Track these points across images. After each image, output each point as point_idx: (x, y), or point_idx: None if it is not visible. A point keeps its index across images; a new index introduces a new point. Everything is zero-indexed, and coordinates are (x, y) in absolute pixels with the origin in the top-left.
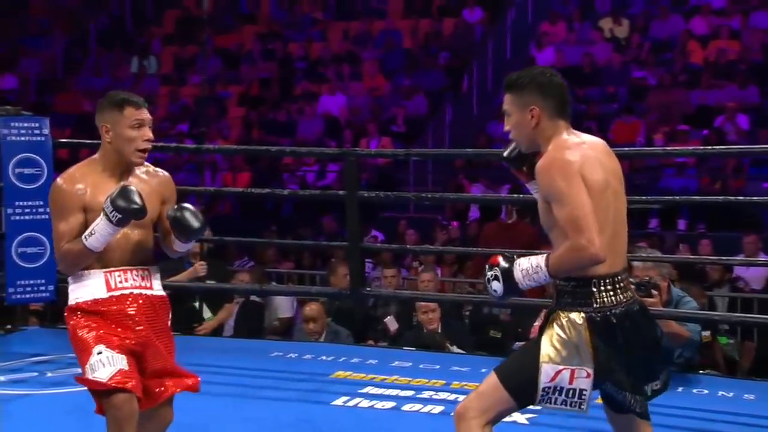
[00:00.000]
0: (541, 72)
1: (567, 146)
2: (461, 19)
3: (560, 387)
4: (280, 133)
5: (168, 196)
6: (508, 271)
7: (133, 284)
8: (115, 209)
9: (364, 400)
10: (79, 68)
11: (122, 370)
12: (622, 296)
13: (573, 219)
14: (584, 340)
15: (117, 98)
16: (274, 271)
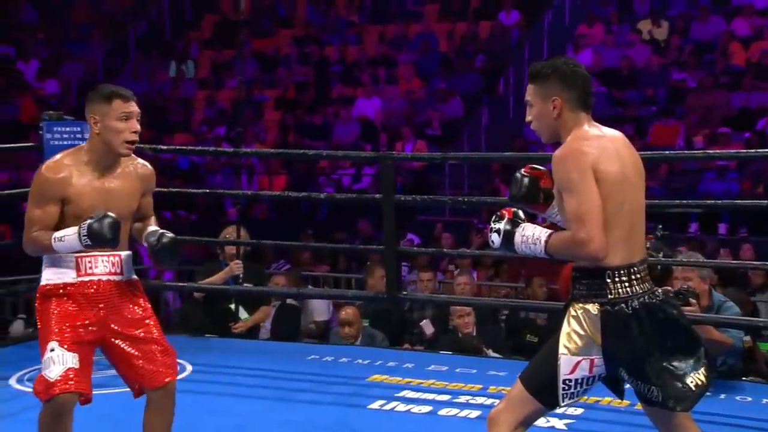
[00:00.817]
0: (564, 62)
1: (585, 138)
2: (497, 22)
3: (581, 378)
4: (316, 137)
5: (148, 189)
6: (510, 233)
7: (102, 270)
8: (88, 235)
9: (400, 404)
10: (119, 73)
11: (71, 369)
12: (638, 287)
13: (579, 212)
14: (598, 331)
15: (106, 91)
16: (310, 275)
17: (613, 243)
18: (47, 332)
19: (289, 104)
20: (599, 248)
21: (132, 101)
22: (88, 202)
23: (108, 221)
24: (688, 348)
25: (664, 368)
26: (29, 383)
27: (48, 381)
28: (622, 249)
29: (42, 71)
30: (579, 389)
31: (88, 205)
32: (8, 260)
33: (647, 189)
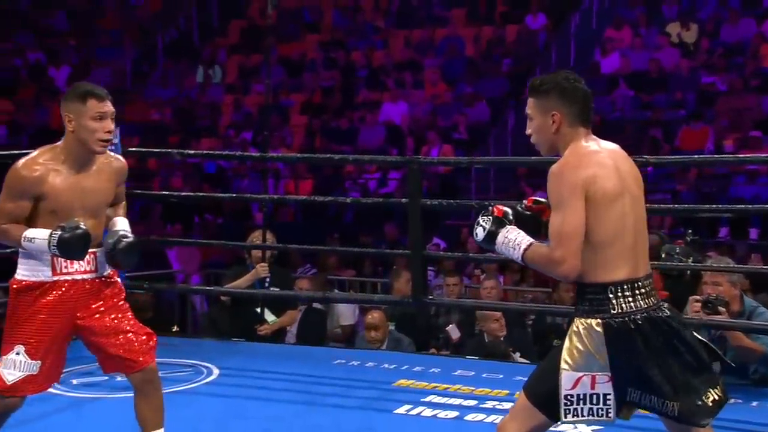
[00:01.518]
0: (565, 78)
1: (582, 154)
2: (524, 25)
3: (583, 394)
4: (342, 141)
5: (121, 180)
6: (494, 234)
7: (78, 269)
8: (57, 245)
9: (426, 409)
10: (147, 79)
11: (30, 376)
12: (642, 302)
13: (559, 231)
14: (602, 347)
15: (81, 90)
16: (336, 279)
17: (615, 258)
18: (16, 333)
19: (316, 109)
20: (570, 271)
21: (106, 100)
22: (64, 198)
23: (78, 234)
24: (700, 363)
25: (679, 383)
26: (60, 385)
27: (2, 381)
28: (626, 264)
29: (72, 77)
30: (583, 406)
31: (64, 201)
32: None
33: (677, 193)
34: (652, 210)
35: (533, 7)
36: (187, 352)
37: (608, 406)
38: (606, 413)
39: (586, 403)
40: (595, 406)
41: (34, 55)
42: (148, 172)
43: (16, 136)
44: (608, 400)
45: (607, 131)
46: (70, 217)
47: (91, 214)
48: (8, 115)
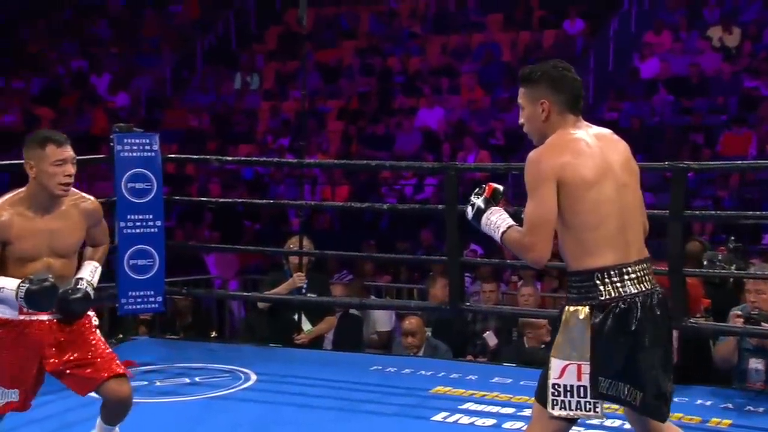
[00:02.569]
0: (553, 66)
1: (559, 143)
2: (562, 30)
3: (570, 385)
4: (378, 147)
5: (93, 222)
6: (480, 212)
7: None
8: (24, 298)
9: (464, 416)
10: (186, 86)
11: (10, 403)
12: (633, 287)
13: (530, 218)
14: (587, 334)
15: (39, 137)
16: (373, 285)
17: (600, 243)
18: None
19: (352, 115)
20: (539, 257)
21: (65, 146)
22: (31, 243)
23: (45, 288)
24: (669, 352)
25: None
26: None
27: None
28: (612, 249)
29: (113, 84)
30: (570, 398)
31: (30, 245)
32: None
33: (718, 199)
34: (693, 216)
35: (571, 11)
36: (225, 357)
37: (596, 401)
38: (593, 407)
39: (574, 395)
40: (582, 399)
41: (76, 63)
42: (186, 178)
43: None
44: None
45: (646, 136)
46: (35, 259)
47: (60, 255)
48: (51, 123)
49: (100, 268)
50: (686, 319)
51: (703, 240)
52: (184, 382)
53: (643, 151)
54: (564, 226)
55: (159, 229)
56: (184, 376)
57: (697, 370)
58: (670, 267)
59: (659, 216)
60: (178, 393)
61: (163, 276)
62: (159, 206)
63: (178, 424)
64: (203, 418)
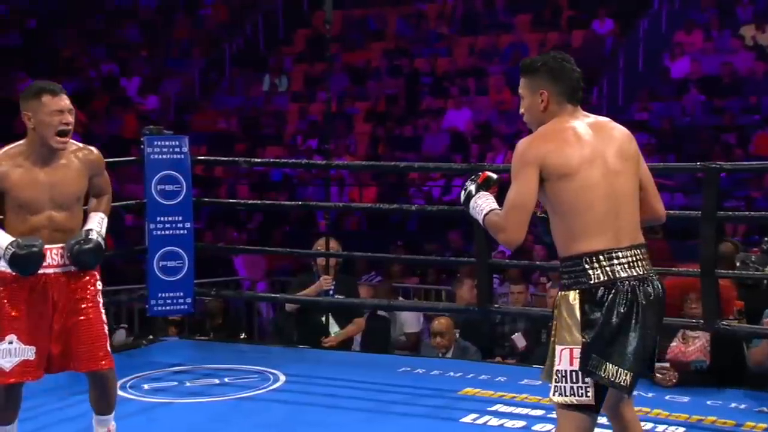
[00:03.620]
0: (553, 57)
1: (549, 130)
2: (590, 30)
3: (565, 371)
4: (406, 149)
5: (95, 172)
6: (469, 196)
7: (51, 263)
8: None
9: (493, 418)
10: (215, 88)
11: (25, 362)
12: (623, 271)
13: (509, 201)
14: (577, 318)
15: (35, 88)
16: (401, 286)
17: (587, 228)
18: (5, 322)
19: (380, 116)
20: (510, 239)
21: (61, 95)
22: (29, 194)
23: (32, 254)
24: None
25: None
26: (132, 390)
27: (2, 369)
28: (601, 234)
29: (143, 87)
30: (565, 384)
31: (29, 196)
32: (111, 270)
33: (751, 200)
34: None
35: (601, 12)
36: (254, 358)
37: (587, 385)
38: (585, 392)
39: (568, 381)
40: (575, 384)
41: (107, 67)
42: (214, 181)
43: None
44: (586, 380)
45: (677, 137)
46: (37, 212)
47: (61, 207)
48: (82, 126)
49: (106, 218)
50: (719, 321)
51: (736, 241)
52: (214, 383)
53: (673, 152)
54: (553, 213)
55: (188, 231)
56: (214, 376)
57: (731, 373)
58: (703, 269)
59: (691, 217)
60: (208, 393)
61: (193, 277)
62: (188, 208)
63: (207, 425)
64: (232, 419)
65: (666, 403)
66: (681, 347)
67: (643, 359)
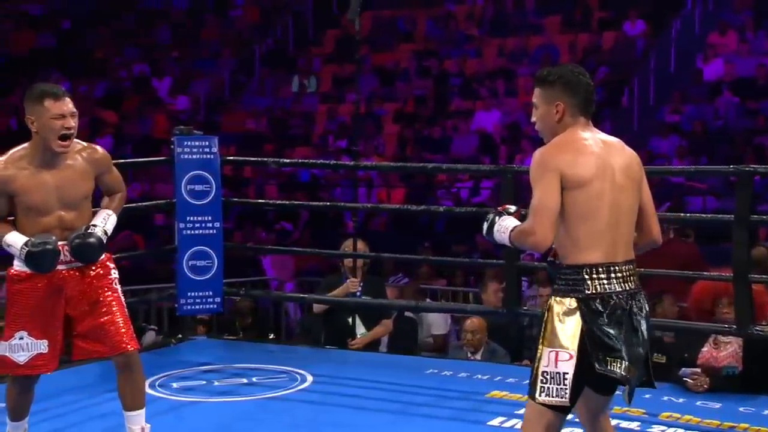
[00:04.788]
0: (570, 70)
1: (564, 142)
2: (622, 32)
3: (550, 372)
4: (435, 150)
5: (102, 170)
6: (493, 222)
7: (63, 259)
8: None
9: (520, 421)
10: (245, 89)
11: (38, 355)
12: (618, 286)
13: (534, 207)
14: (573, 324)
15: (37, 91)
16: (428, 288)
17: (588, 239)
18: (16, 318)
19: (408, 117)
20: (540, 240)
21: (63, 99)
22: (36, 196)
23: (46, 251)
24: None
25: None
26: (161, 388)
27: (14, 363)
28: (600, 247)
29: (174, 88)
30: (551, 385)
31: (36, 199)
32: (141, 269)
33: None
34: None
35: (632, 13)
36: (282, 358)
37: (566, 386)
38: (563, 394)
39: (552, 382)
40: (557, 386)
41: (138, 68)
42: (243, 181)
43: (121, 146)
44: (566, 380)
45: (710, 140)
46: (47, 213)
47: (70, 207)
48: (114, 126)
49: (114, 216)
50: (752, 326)
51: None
52: (242, 382)
53: (706, 155)
54: (560, 221)
55: (217, 231)
56: (242, 376)
57: (764, 379)
58: (736, 273)
59: (723, 221)
60: (236, 393)
61: (222, 277)
62: (218, 208)
63: (236, 424)
64: (260, 418)
65: (697, 409)
66: (713, 352)
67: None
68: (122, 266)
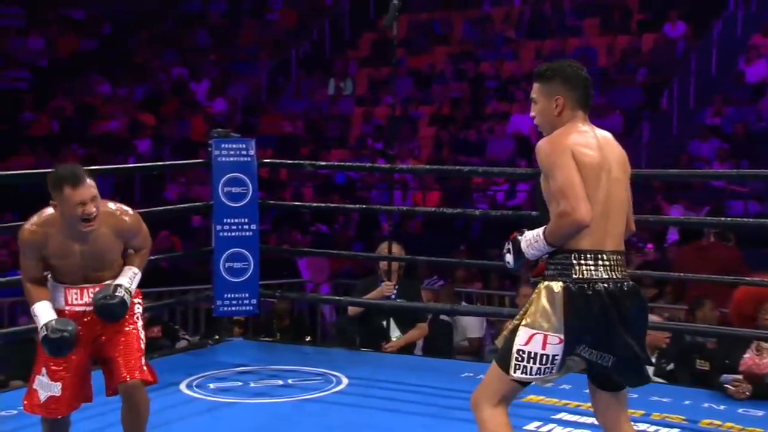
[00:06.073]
0: (568, 65)
1: (568, 131)
2: (662, 34)
3: (534, 353)
4: (470, 153)
5: (129, 236)
6: (516, 242)
7: (87, 301)
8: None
9: (558, 426)
10: (281, 92)
11: (52, 398)
12: (605, 273)
13: (561, 189)
14: (559, 308)
15: (55, 178)
16: (463, 291)
17: None
18: (41, 355)
19: (444, 120)
20: (583, 216)
21: (82, 185)
22: (64, 262)
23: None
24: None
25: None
26: (198, 389)
27: (38, 399)
28: (592, 234)
29: (211, 91)
30: (533, 365)
31: (65, 265)
32: (179, 271)
33: None
34: None
35: (672, 14)
36: (317, 360)
37: (554, 366)
38: (550, 372)
39: (536, 362)
40: (543, 366)
41: (177, 71)
42: (279, 183)
43: (160, 148)
44: (555, 361)
45: (751, 143)
46: (74, 274)
47: (97, 269)
48: (152, 129)
49: (139, 274)
50: None
51: None
52: (277, 384)
53: (747, 158)
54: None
55: (254, 233)
56: (277, 377)
57: None
58: None
59: (766, 225)
60: (271, 394)
61: (258, 279)
62: (254, 210)
63: (271, 425)
64: (295, 420)
65: (739, 416)
66: (755, 359)
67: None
68: (160, 267)
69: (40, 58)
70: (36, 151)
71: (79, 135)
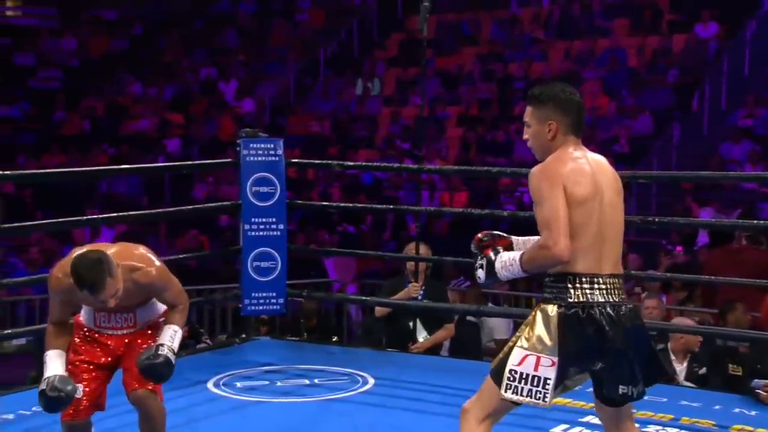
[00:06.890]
0: (561, 90)
1: (562, 158)
2: (693, 34)
3: (526, 374)
4: (498, 154)
5: (155, 292)
6: (491, 262)
7: (115, 325)
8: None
9: (584, 429)
10: (309, 92)
11: (75, 400)
12: (601, 297)
13: (546, 220)
14: (554, 331)
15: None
16: (490, 292)
17: (578, 251)
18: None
19: (472, 121)
20: (561, 252)
21: (100, 292)
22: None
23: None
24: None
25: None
26: (225, 387)
27: None
28: (587, 258)
29: (240, 91)
30: (524, 386)
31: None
32: (206, 270)
33: None
34: None
35: (704, 14)
36: (344, 360)
37: (546, 390)
38: (543, 397)
39: (527, 383)
40: (534, 388)
41: (206, 71)
42: (307, 183)
43: (188, 148)
44: (547, 385)
45: None
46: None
47: (127, 309)
48: (181, 128)
49: (180, 331)
50: None
51: None
52: (304, 383)
53: None
54: None
55: (281, 233)
56: (304, 377)
57: None
58: None
59: None
60: (298, 394)
61: (285, 278)
62: (282, 210)
63: (297, 425)
64: (322, 420)
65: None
66: None
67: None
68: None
69: (72, 59)
70: (67, 150)
71: (109, 134)
